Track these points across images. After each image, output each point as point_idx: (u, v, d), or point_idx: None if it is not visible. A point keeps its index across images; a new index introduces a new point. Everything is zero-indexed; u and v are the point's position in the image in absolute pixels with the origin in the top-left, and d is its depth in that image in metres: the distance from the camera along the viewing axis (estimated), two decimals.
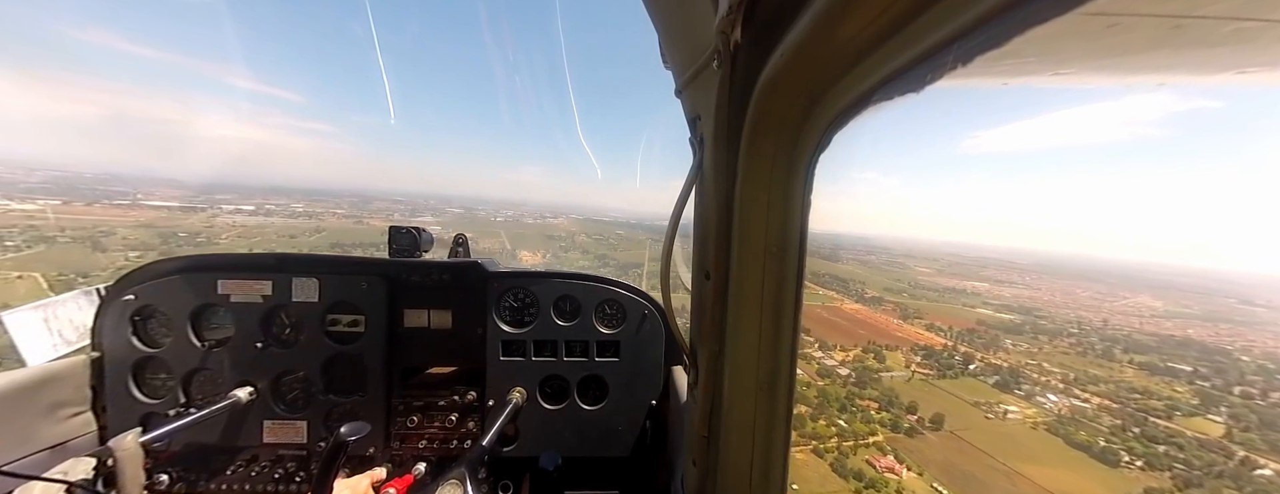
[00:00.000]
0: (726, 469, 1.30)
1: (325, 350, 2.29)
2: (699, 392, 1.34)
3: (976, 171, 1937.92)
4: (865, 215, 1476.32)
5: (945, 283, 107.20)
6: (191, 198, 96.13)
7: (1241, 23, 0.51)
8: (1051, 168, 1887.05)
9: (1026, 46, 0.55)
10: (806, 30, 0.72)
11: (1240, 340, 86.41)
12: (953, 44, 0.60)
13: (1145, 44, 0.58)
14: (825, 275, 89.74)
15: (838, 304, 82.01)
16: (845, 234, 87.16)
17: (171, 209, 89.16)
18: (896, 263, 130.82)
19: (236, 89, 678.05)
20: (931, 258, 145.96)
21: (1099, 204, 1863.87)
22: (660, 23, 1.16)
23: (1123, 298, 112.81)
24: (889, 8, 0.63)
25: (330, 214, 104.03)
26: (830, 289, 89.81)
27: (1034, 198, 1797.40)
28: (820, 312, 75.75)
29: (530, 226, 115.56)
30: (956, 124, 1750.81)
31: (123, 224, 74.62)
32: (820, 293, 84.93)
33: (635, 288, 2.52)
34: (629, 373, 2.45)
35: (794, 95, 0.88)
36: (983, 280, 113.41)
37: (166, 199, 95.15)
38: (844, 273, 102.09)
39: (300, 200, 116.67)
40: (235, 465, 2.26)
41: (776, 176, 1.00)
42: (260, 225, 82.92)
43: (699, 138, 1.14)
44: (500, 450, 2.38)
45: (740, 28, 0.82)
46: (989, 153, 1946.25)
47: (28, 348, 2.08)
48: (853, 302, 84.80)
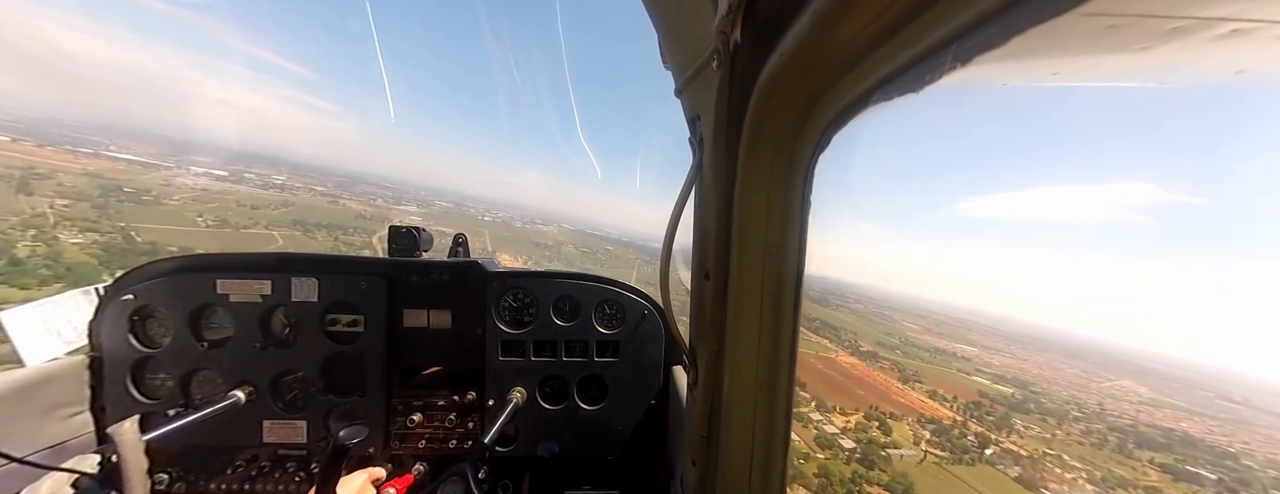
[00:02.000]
0: (726, 469, 1.30)
1: (324, 350, 2.28)
2: (699, 392, 1.34)
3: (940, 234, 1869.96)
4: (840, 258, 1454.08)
5: (935, 342, 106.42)
6: (165, 156, 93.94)
7: (1241, 23, 0.51)
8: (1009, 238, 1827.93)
9: (1026, 46, 0.55)
10: (806, 30, 0.72)
11: (1236, 440, 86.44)
12: (952, 44, 0.60)
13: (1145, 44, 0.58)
14: (815, 320, 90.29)
15: (833, 355, 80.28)
16: (831, 278, 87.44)
17: (133, 164, 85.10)
18: (883, 314, 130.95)
19: (251, 56, 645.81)
20: (917, 313, 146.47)
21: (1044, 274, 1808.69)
22: (660, 23, 1.16)
23: (1107, 379, 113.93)
24: (889, 8, 0.63)
25: (308, 191, 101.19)
26: (823, 336, 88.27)
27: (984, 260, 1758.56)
28: (816, 362, 73.66)
29: (518, 230, 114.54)
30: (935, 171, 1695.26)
31: (70, 171, 71.33)
32: (813, 339, 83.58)
33: (635, 288, 2.52)
34: (629, 373, 2.45)
35: (794, 95, 0.88)
36: (970, 344, 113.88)
37: (139, 154, 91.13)
38: (835, 320, 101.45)
39: (284, 173, 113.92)
40: (234, 465, 2.26)
41: (776, 176, 1.00)
42: (223, 191, 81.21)
43: (698, 138, 1.14)
44: (500, 450, 2.38)
45: (740, 28, 0.82)
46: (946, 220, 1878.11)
47: (25, 348, 2.08)
48: (847, 353, 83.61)
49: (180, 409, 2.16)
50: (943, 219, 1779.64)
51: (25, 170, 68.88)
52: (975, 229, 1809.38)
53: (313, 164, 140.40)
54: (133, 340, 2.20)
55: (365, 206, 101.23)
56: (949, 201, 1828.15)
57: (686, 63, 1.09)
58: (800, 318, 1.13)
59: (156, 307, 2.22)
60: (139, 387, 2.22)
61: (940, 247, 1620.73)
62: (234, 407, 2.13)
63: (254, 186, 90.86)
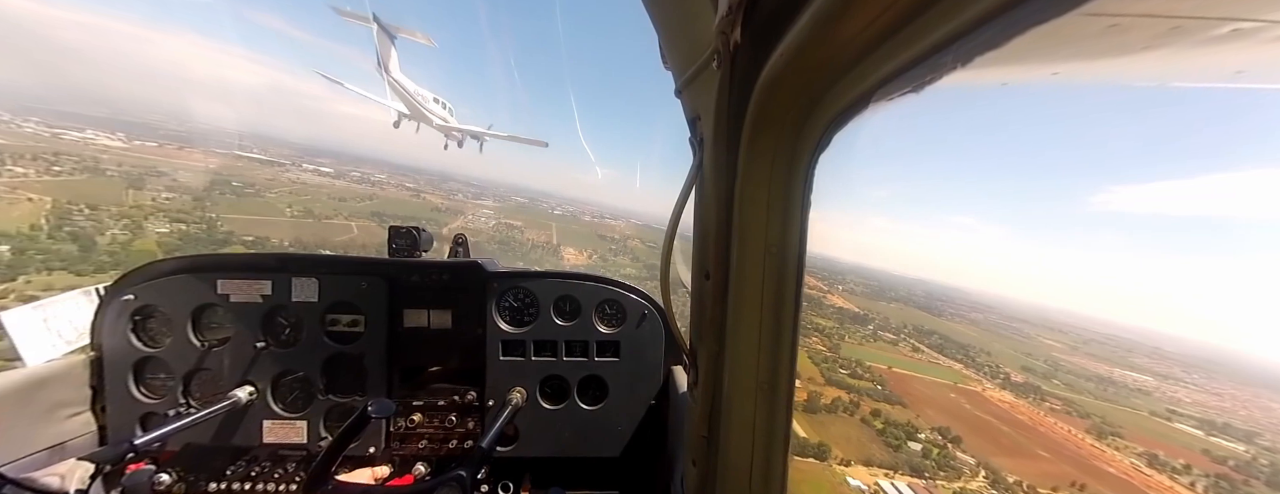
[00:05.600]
0: (726, 469, 1.30)
1: (325, 350, 2.28)
2: (699, 391, 1.34)
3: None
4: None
5: (1093, 368, 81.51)
6: (289, 156, 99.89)
7: (1241, 23, 0.52)
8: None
9: (1026, 46, 0.55)
10: (806, 30, 0.72)
11: None
12: (952, 44, 0.60)
13: (1145, 44, 0.58)
14: (933, 333, 70.78)
15: (978, 388, 57.88)
16: (930, 280, 72.87)
17: (254, 161, 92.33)
18: (1011, 328, 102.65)
19: (364, 73, 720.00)
20: (1053, 328, 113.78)
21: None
22: (660, 23, 1.16)
23: None
24: (889, 8, 0.63)
25: (398, 187, 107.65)
26: (954, 359, 68.03)
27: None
28: (954, 398, 54.08)
29: (586, 224, 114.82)
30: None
31: (193, 168, 76.59)
32: (942, 365, 65.57)
33: (635, 288, 2.52)
34: (629, 373, 2.44)
35: (794, 95, 0.88)
36: (1138, 371, 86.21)
37: (264, 154, 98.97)
38: (956, 334, 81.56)
39: (385, 171, 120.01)
40: (235, 465, 2.26)
41: (776, 176, 1.00)
42: (319, 185, 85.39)
43: (699, 138, 1.15)
44: (500, 450, 2.38)
45: (740, 28, 0.82)
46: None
47: (26, 348, 2.08)
48: (995, 385, 61.19)
49: (181, 409, 2.16)
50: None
51: (149, 168, 71.73)
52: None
53: (414, 165, 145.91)
54: (134, 340, 2.20)
55: (444, 200, 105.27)
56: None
57: (686, 63, 1.09)
58: (801, 318, 1.13)
59: (158, 306, 2.22)
60: (140, 386, 2.22)
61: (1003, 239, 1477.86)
62: (235, 407, 2.13)
63: (350, 182, 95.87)
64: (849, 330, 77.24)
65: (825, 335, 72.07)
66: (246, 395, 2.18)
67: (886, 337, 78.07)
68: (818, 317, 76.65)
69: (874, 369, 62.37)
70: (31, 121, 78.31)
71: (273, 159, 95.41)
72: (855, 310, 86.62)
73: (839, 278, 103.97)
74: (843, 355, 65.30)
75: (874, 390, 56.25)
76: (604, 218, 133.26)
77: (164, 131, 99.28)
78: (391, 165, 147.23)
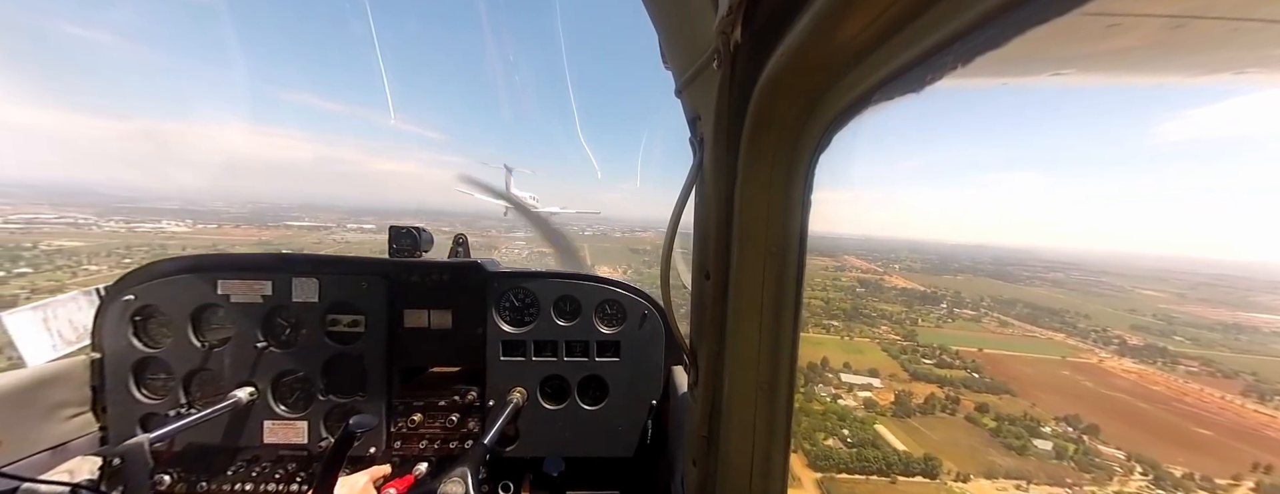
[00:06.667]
0: (727, 469, 1.30)
1: (325, 351, 2.29)
2: (699, 392, 1.34)
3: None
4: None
5: (1213, 315, 69.04)
6: (335, 218, 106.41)
7: (1241, 23, 0.52)
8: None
9: (1026, 46, 0.55)
10: (806, 30, 0.72)
11: None
12: (953, 44, 0.60)
13: (1145, 44, 0.58)
14: (1016, 303, 58.62)
15: (1092, 360, 48.41)
16: (991, 245, 65.05)
17: (301, 228, 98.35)
18: (1101, 284, 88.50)
19: (395, 131, 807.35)
20: (1150, 276, 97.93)
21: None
22: (660, 23, 1.16)
23: None
24: (889, 8, 0.63)
25: (434, 231, 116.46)
26: (1051, 329, 57.85)
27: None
28: (1069, 375, 45.04)
29: (618, 240, 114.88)
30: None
31: (246, 242, 79.98)
32: (1040, 337, 55.70)
33: (635, 288, 2.52)
34: (629, 373, 2.44)
35: (794, 95, 0.88)
36: (1268, 311, 70.94)
37: (312, 221, 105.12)
38: (1041, 299, 69.98)
39: (423, 220, 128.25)
40: (236, 466, 2.26)
41: (776, 176, 1.00)
42: (360, 242, 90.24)
43: (699, 138, 1.15)
44: (501, 450, 2.38)
45: (740, 28, 0.82)
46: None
47: (27, 348, 2.08)
48: (1110, 353, 51.46)
49: (182, 409, 2.16)
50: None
51: (207, 247, 78.86)
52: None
53: (448, 209, 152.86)
54: (135, 341, 2.20)
55: (479, 237, 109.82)
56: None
57: (687, 63, 1.09)
58: (801, 318, 1.13)
59: (158, 307, 2.22)
60: (141, 387, 2.22)
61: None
62: (235, 407, 2.13)
63: None
64: (920, 313, 68.09)
65: (896, 322, 62.42)
66: (247, 396, 2.18)
67: (965, 314, 68.80)
68: (881, 302, 68.20)
69: (963, 353, 52.34)
70: (115, 220, 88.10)
71: (319, 224, 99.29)
72: (920, 289, 77.10)
73: (891, 256, 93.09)
74: (922, 342, 55.71)
75: (970, 380, 47.11)
76: (634, 231, 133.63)
77: (225, 214, 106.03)
78: (430, 213, 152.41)
